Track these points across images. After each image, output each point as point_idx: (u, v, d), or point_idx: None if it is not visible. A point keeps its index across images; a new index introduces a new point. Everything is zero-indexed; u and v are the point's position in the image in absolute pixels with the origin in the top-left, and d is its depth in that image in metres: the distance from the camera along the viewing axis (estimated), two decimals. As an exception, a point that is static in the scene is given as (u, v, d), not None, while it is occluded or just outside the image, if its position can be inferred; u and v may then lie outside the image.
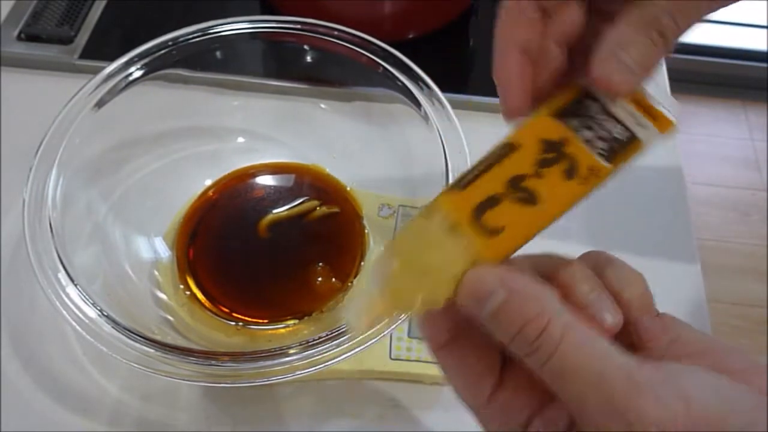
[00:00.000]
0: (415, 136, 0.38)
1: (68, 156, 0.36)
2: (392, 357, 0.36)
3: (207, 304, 0.38)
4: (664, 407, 0.16)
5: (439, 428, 0.37)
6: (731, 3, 0.22)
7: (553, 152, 0.19)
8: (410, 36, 0.53)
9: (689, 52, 1.51)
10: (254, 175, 0.43)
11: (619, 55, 0.20)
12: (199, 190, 0.43)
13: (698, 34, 1.51)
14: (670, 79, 0.54)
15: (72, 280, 0.31)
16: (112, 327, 0.30)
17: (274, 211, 0.42)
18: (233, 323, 0.38)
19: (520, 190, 0.19)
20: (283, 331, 0.38)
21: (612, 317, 0.20)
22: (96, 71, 0.38)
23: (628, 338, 0.21)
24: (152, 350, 0.30)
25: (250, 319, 0.38)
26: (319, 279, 0.39)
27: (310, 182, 0.43)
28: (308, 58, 0.43)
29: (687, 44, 1.50)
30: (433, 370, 0.36)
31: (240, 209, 0.42)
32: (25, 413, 0.36)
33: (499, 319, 0.18)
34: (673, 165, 0.48)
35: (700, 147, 1.48)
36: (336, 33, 0.40)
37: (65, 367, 0.38)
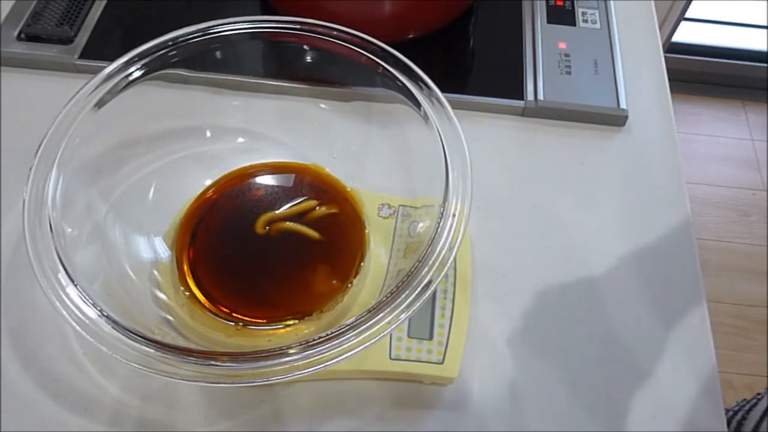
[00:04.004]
0: (415, 136, 0.38)
1: (68, 156, 0.36)
2: (392, 357, 0.36)
3: (207, 304, 0.38)
4: None
5: (439, 428, 0.37)
6: None
7: None
8: (410, 36, 0.53)
9: (689, 52, 1.51)
10: (254, 175, 0.43)
11: None
12: (199, 190, 0.43)
13: (698, 34, 1.51)
14: (670, 79, 0.54)
15: (72, 280, 0.31)
16: (112, 327, 0.30)
17: (274, 211, 0.42)
18: (233, 323, 0.38)
19: None
20: (283, 331, 0.38)
21: None
22: (96, 71, 0.38)
23: None
24: (152, 350, 0.30)
25: (250, 319, 0.38)
26: (319, 279, 0.39)
27: (309, 182, 0.43)
28: (308, 58, 0.43)
29: (687, 44, 1.50)
30: (433, 370, 0.36)
31: (240, 209, 0.42)
32: (25, 413, 0.36)
33: None
34: (673, 165, 0.49)
35: (700, 147, 1.48)
36: (336, 33, 0.40)
37: (65, 367, 0.38)
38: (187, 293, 0.39)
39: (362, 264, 0.40)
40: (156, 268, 0.39)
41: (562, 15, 0.55)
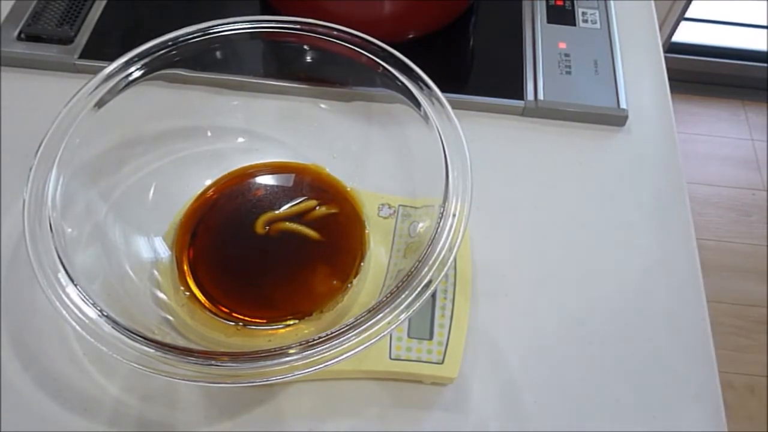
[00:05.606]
0: (415, 136, 0.38)
1: (68, 156, 0.36)
2: (392, 357, 0.36)
3: (207, 304, 0.38)
4: None
5: (439, 428, 0.37)
6: None
7: None
8: (410, 36, 0.53)
9: (689, 52, 1.51)
10: (254, 175, 0.43)
11: None
12: (199, 190, 0.43)
13: (698, 34, 1.51)
14: (670, 79, 0.54)
15: (72, 280, 0.31)
16: (112, 327, 0.30)
17: (274, 210, 0.42)
18: (233, 323, 0.38)
19: None
20: (283, 331, 0.38)
21: None
22: (96, 71, 0.38)
23: None
24: (152, 350, 0.30)
25: (250, 319, 0.38)
26: (319, 279, 0.39)
27: (309, 182, 0.43)
28: (308, 58, 0.43)
29: (687, 44, 1.50)
30: (433, 370, 0.36)
31: (240, 209, 0.42)
32: (25, 413, 0.36)
33: None
34: (673, 165, 0.49)
35: (700, 147, 1.48)
36: (336, 33, 0.40)
37: (65, 367, 0.38)
38: (187, 293, 0.39)
39: (362, 264, 0.40)
40: (156, 268, 0.39)
41: (562, 15, 0.55)
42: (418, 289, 0.31)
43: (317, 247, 0.41)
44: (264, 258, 0.41)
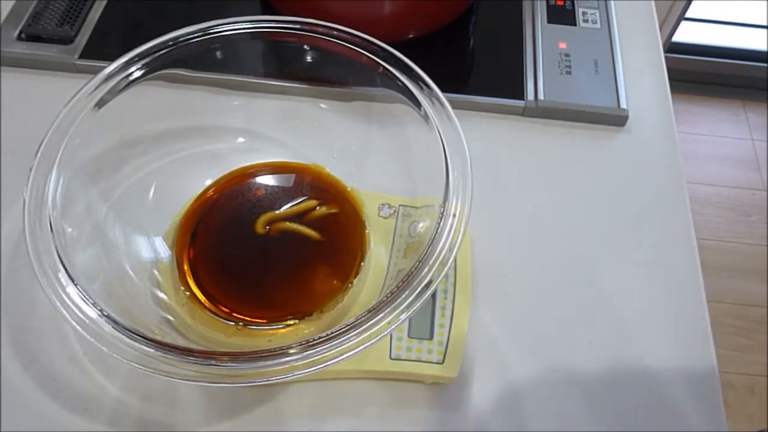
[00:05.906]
0: (415, 136, 0.38)
1: (68, 156, 0.36)
2: (392, 357, 0.36)
3: (207, 304, 0.38)
4: None
5: (439, 428, 0.37)
6: None
7: None
8: (410, 36, 0.53)
9: (689, 52, 1.51)
10: (254, 175, 0.43)
11: None
12: (199, 190, 0.43)
13: (698, 34, 1.51)
14: (670, 79, 0.54)
15: (72, 280, 0.31)
16: (112, 327, 0.30)
17: (274, 210, 0.42)
18: (233, 323, 0.38)
19: None
20: (283, 331, 0.38)
21: None
22: (96, 71, 0.38)
23: None
24: (152, 350, 0.30)
25: (250, 319, 0.38)
26: (319, 279, 0.39)
27: (310, 182, 0.43)
28: (308, 58, 0.43)
29: (687, 44, 1.50)
30: (433, 370, 0.36)
31: (240, 209, 0.42)
32: (25, 413, 0.36)
33: None
34: (673, 165, 0.49)
35: (700, 147, 1.48)
36: (336, 33, 0.40)
37: (65, 367, 0.38)
38: (188, 293, 0.39)
39: (362, 264, 0.40)
40: (156, 268, 0.39)
41: (562, 15, 0.55)
42: (419, 289, 0.31)
43: (317, 247, 0.41)
44: (264, 258, 0.41)
